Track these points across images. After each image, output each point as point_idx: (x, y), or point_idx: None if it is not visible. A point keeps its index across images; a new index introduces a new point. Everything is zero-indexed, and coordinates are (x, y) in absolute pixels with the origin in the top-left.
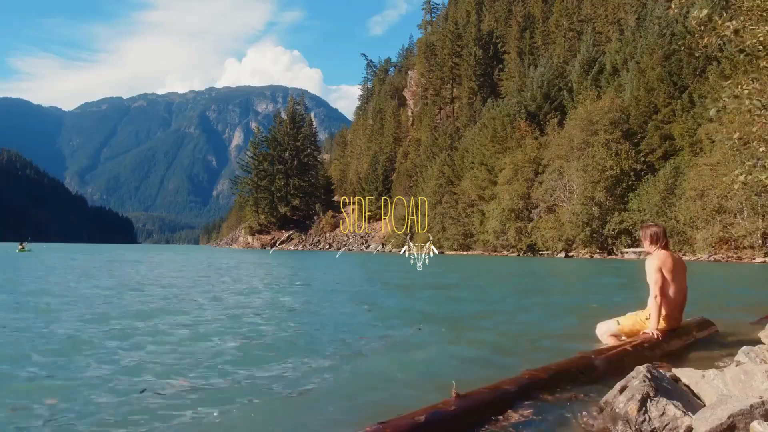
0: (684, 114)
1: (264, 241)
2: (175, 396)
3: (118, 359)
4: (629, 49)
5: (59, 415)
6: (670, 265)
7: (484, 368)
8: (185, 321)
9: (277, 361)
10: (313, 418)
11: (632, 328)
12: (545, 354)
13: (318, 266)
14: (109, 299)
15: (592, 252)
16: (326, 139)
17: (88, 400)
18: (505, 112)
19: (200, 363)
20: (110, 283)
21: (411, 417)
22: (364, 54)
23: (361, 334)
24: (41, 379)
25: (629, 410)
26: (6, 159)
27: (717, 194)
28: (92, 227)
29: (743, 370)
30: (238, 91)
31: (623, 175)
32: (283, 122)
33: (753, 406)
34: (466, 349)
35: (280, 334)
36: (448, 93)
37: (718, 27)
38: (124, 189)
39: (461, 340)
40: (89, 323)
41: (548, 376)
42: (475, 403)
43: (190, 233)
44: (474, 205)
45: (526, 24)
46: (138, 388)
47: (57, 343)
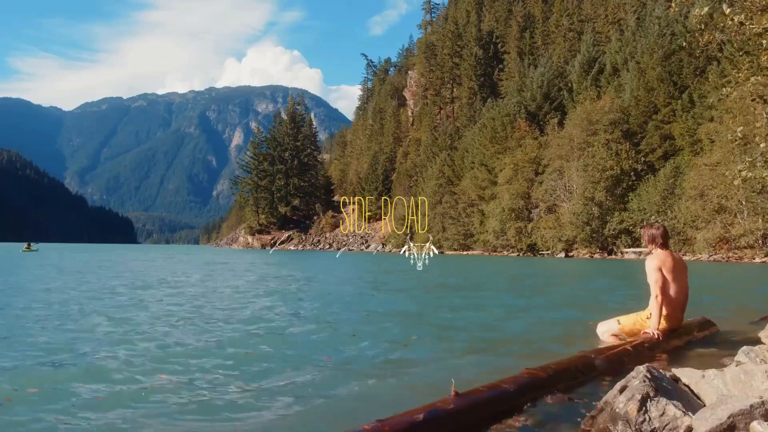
0: (684, 114)
1: (264, 241)
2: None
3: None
4: (629, 49)
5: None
6: (670, 264)
7: (483, 367)
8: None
9: (278, 362)
10: (311, 416)
11: (633, 328)
12: (545, 353)
13: (318, 267)
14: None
15: (592, 252)
16: (326, 139)
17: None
18: (505, 112)
19: (200, 361)
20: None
21: (409, 415)
22: (364, 54)
23: (361, 335)
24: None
25: (629, 410)
26: (6, 159)
27: (717, 194)
28: (92, 227)
29: (743, 370)
30: (238, 91)
31: (623, 175)
32: (283, 122)
33: (753, 406)
34: (466, 349)
35: (280, 336)
36: (448, 93)
37: (724, 18)
38: (124, 189)
39: (462, 341)
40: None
41: (548, 376)
42: (473, 402)
43: (190, 233)
44: (474, 205)
45: (526, 24)
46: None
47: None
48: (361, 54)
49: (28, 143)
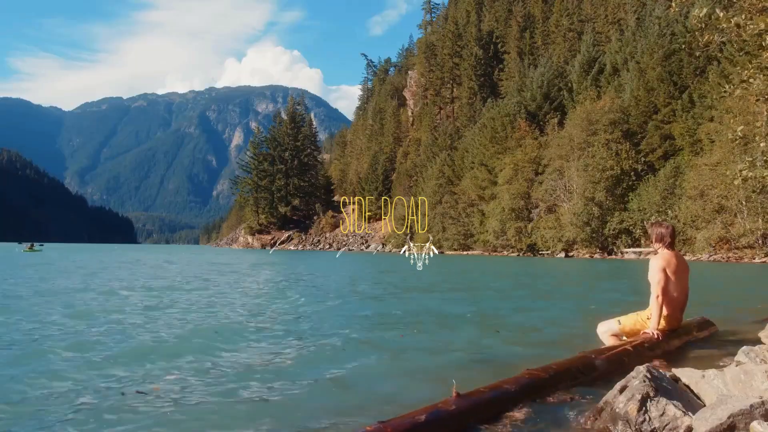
0: (684, 114)
1: (264, 241)
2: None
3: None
4: (629, 49)
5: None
6: (675, 265)
7: (485, 368)
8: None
9: (278, 362)
10: (313, 418)
11: (633, 328)
12: (546, 353)
13: (318, 267)
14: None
15: (592, 252)
16: (326, 139)
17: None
18: (505, 112)
19: (200, 362)
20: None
21: (411, 416)
22: (364, 54)
23: (361, 336)
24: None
25: (629, 410)
26: (6, 159)
27: (717, 194)
28: (92, 227)
29: (743, 370)
30: (238, 91)
31: (623, 175)
32: (283, 122)
33: (753, 406)
34: (467, 349)
35: (280, 336)
36: (448, 93)
37: (721, 21)
38: (124, 189)
39: (462, 341)
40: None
41: (548, 376)
42: (475, 403)
43: (190, 233)
44: (474, 205)
45: (526, 24)
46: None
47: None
48: (361, 54)
49: (28, 143)
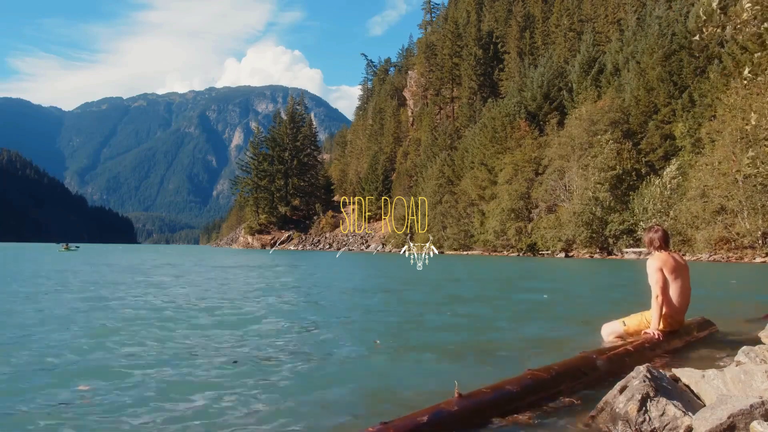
0: (684, 113)
1: (264, 241)
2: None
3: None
4: (629, 49)
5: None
6: (672, 265)
7: (486, 368)
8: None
9: (278, 362)
10: (315, 419)
11: (638, 329)
12: (547, 354)
13: (318, 267)
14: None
15: (592, 252)
16: (326, 139)
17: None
18: (505, 112)
19: (199, 361)
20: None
21: (413, 417)
22: (364, 54)
23: (362, 337)
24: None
25: (629, 410)
26: (6, 159)
27: (718, 194)
28: (92, 227)
29: (743, 370)
30: (238, 91)
31: (624, 175)
32: (282, 122)
33: (753, 406)
34: (468, 350)
35: (280, 337)
36: (448, 93)
37: (733, 12)
38: (124, 189)
39: (463, 341)
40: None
41: (550, 376)
42: (477, 404)
43: (190, 233)
44: (474, 205)
45: (526, 24)
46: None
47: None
48: (361, 54)
49: (28, 143)
